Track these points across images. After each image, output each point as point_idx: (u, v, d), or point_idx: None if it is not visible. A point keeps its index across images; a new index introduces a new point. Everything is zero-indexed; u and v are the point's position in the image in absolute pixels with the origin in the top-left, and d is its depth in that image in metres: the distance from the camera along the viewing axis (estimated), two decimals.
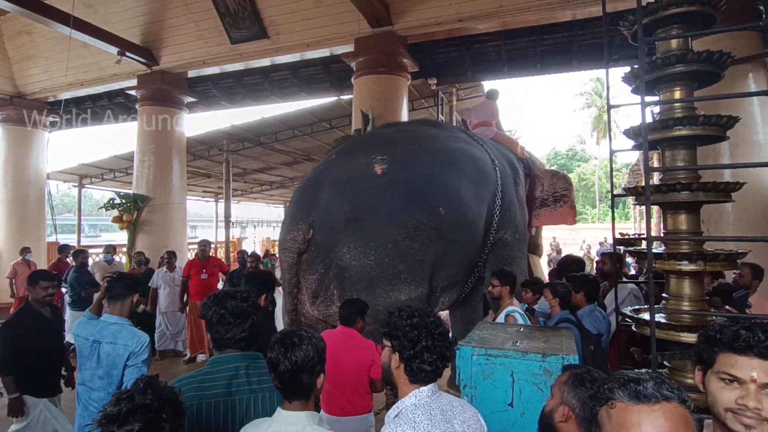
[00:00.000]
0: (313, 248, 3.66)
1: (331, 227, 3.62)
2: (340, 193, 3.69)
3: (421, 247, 3.60)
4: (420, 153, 4.04)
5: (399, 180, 3.71)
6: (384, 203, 3.63)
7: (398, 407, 1.45)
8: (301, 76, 8.80)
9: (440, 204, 3.74)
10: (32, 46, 9.36)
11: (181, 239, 8.59)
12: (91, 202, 40.06)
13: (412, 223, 3.58)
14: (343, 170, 3.87)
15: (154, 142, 8.37)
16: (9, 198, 9.78)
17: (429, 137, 4.38)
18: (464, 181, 4.03)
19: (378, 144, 4.12)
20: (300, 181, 15.40)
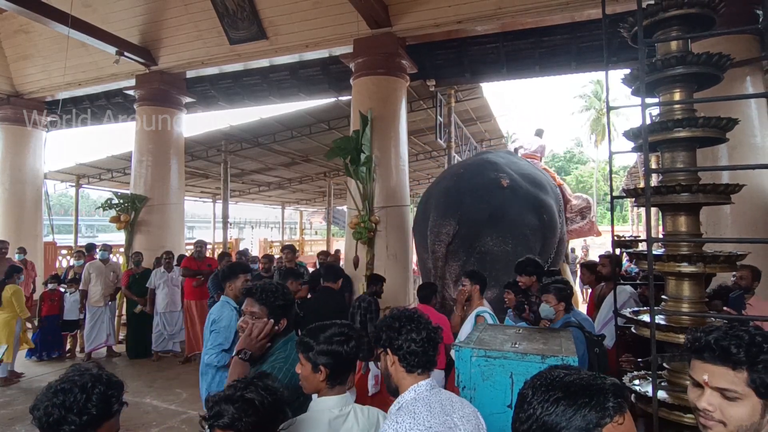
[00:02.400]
0: (457, 240, 5.15)
1: (475, 223, 5.11)
2: (479, 198, 5.21)
3: (535, 241, 5.35)
4: (522, 174, 5.81)
5: (518, 192, 5.43)
6: (513, 207, 5.27)
7: (399, 402, 1.49)
8: (300, 77, 8.79)
9: (545, 213, 5.62)
10: (30, 45, 9.33)
11: (179, 240, 8.56)
12: (89, 203, 39.96)
13: (532, 223, 5.38)
14: (477, 181, 5.41)
15: (152, 143, 8.34)
16: (6, 198, 9.73)
17: (518, 162, 6.41)
18: (551, 198, 6.07)
19: (495, 164, 5.75)
20: (297, 181, 15.44)
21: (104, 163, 11.30)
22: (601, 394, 0.89)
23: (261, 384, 1.26)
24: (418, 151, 12.95)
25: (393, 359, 1.51)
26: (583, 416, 0.87)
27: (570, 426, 0.87)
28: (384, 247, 6.21)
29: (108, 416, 1.22)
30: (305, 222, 22.66)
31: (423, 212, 5.64)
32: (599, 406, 0.88)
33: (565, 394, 0.90)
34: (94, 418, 1.18)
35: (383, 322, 1.56)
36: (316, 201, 20.10)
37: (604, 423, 0.87)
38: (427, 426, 1.36)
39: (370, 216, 6.08)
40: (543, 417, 0.89)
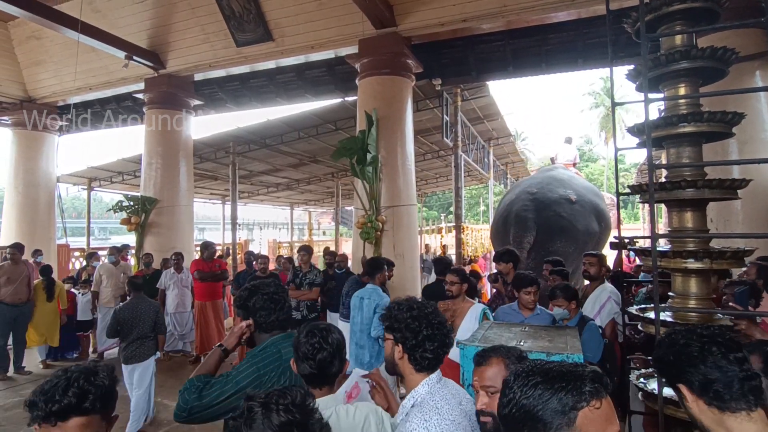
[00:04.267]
0: (535, 243, 6.96)
1: (550, 232, 6.99)
2: (554, 212, 7.07)
3: (593, 243, 7.03)
4: (582, 186, 7.80)
5: (584, 205, 7.30)
6: (580, 219, 7.11)
7: (413, 397, 1.52)
8: (306, 78, 8.83)
9: (602, 220, 7.44)
10: (41, 50, 9.49)
11: (189, 241, 8.65)
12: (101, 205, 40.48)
13: (594, 230, 7.22)
14: (551, 196, 7.29)
15: (161, 145, 8.44)
16: (20, 201, 9.92)
17: (574, 177, 8.35)
18: (603, 204, 7.86)
19: (561, 180, 7.72)
20: (305, 182, 15.51)
21: (115, 166, 11.45)
22: (579, 379, 0.92)
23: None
24: (426, 151, 12.94)
25: (403, 355, 1.54)
26: (559, 399, 0.90)
27: (546, 408, 0.90)
28: (391, 247, 6.22)
29: (77, 411, 1.20)
30: (314, 222, 22.74)
31: (503, 224, 7.48)
32: (576, 390, 0.90)
33: (543, 379, 0.93)
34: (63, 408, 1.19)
35: (401, 315, 1.56)
36: (325, 201, 20.17)
37: (580, 407, 0.89)
38: (451, 419, 1.43)
39: (377, 216, 6.09)
40: (521, 400, 0.93)
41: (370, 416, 1.57)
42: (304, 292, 5.50)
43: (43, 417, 1.19)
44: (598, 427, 0.90)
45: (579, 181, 8.33)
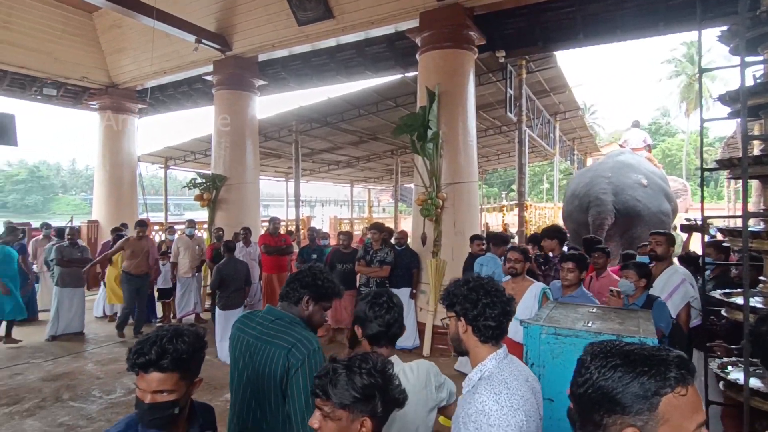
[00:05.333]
0: (613, 228, 7.40)
1: (629, 215, 7.44)
2: (630, 196, 7.50)
3: (668, 223, 7.61)
4: (649, 173, 8.16)
5: (654, 188, 7.77)
6: (653, 201, 7.60)
7: (480, 370, 1.52)
8: (366, 55, 8.80)
9: (671, 201, 8.00)
10: (122, 38, 10.14)
11: (255, 216, 9.06)
12: (175, 183, 43.26)
13: (667, 209, 7.72)
14: (626, 181, 7.67)
15: (229, 125, 8.82)
16: (107, 179, 10.85)
17: (642, 161, 8.75)
18: (670, 189, 8.33)
19: (631, 165, 8.12)
20: (365, 159, 15.63)
21: (188, 145, 12.15)
22: (663, 364, 0.88)
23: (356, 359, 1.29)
24: (487, 126, 12.56)
25: (466, 328, 1.55)
26: (641, 383, 0.87)
27: (626, 392, 0.87)
28: (451, 224, 6.16)
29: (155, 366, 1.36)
30: (373, 200, 22.98)
31: (579, 206, 7.87)
32: (660, 375, 0.87)
33: (623, 362, 0.90)
34: (144, 362, 1.36)
35: (458, 291, 1.58)
36: (384, 179, 20.27)
37: (664, 392, 0.86)
38: (520, 394, 1.43)
39: (437, 193, 6.04)
40: (599, 381, 0.90)
41: (430, 371, 1.75)
42: (374, 269, 5.67)
43: (129, 367, 1.37)
44: (683, 414, 0.86)
45: (647, 165, 8.72)
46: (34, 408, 4.37)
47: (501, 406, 1.38)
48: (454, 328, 1.60)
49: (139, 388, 1.36)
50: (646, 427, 0.86)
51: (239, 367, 1.88)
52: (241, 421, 1.83)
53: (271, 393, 1.74)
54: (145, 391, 1.35)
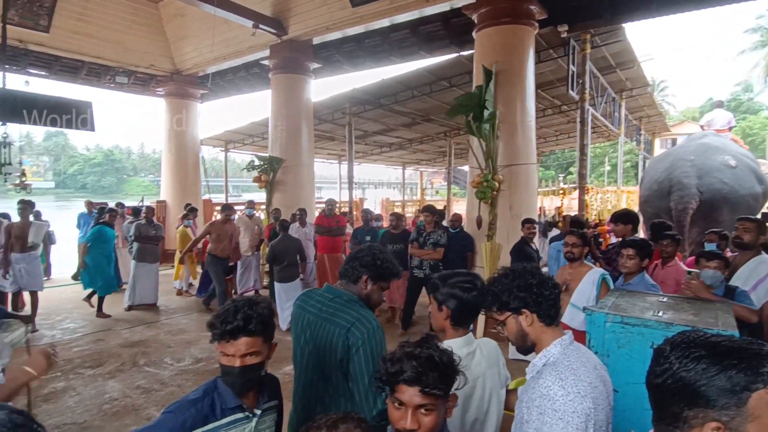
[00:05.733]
0: (698, 211, 7.02)
1: (714, 198, 7.03)
2: (716, 178, 7.07)
3: (756, 206, 7.34)
4: (738, 152, 7.78)
5: (743, 169, 7.29)
6: (743, 183, 7.16)
7: (545, 356, 1.48)
8: (420, 34, 8.65)
9: (762, 182, 7.53)
10: (185, 27, 10.56)
11: (310, 198, 9.28)
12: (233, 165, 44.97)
13: (757, 192, 7.36)
14: (710, 164, 7.22)
15: (285, 108, 9.01)
16: (173, 162, 11.50)
17: (727, 142, 8.17)
18: (761, 170, 7.84)
19: (717, 147, 7.59)
20: (417, 141, 15.50)
21: (247, 129, 12.57)
22: (755, 357, 0.82)
23: (433, 344, 1.32)
24: (545, 106, 12.03)
25: (532, 318, 1.50)
26: (729, 377, 0.82)
27: (711, 384, 0.82)
28: (507, 207, 6.01)
29: (244, 331, 1.45)
30: (426, 182, 22.84)
31: (659, 191, 7.56)
32: (751, 369, 0.81)
33: (709, 353, 0.85)
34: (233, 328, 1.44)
35: (506, 287, 1.52)
36: (437, 161, 20.04)
37: (756, 388, 0.80)
38: (588, 381, 1.38)
39: (494, 175, 5.89)
40: (680, 372, 0.86)
41: (497, 349, 1.85)
42: (427, 251, 5.68)
43: (219, 335, 1.45)
44: None
45: (734, 146, 8.15)
46: (115, 371, 4.79)
47: (567, 392, 1.34)
48: (515, 326, 1.53)
49: (227, 354, 1.45)
50: (732, 422, 0.82)
51: (301, 343, 1.94)
52: (305, 394, 1.91)
53: (332, 370, 1.79)
54: (234, 356, 1.44)
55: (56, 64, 10.34)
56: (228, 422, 1.48)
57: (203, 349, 5.43)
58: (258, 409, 1.57)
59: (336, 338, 1.77)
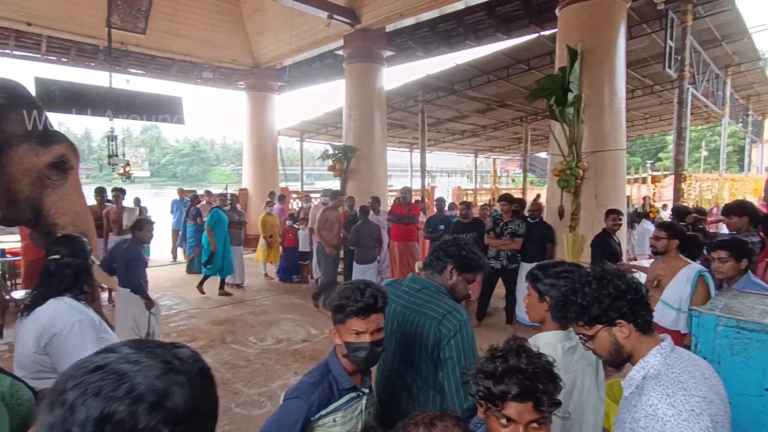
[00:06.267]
0: None
1: None
2: None
3: None
4: None
5: None
6: None
7: (643, 368, 1.31)
8: (497, 15, 8.31)
9: None
10: (263, 21, 10.97)
11: (383, 186, 9.34)
12: (306, 155, 46.43)
13: None
14: None
15: (359, 97, 9.10)
16: (253, 152, 12.10)
17: None
18: None
19: None
20: (491, 128, 15.02)
21: (321, 119, 12.90)
22: None
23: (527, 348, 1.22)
24: (635, 86, 11.09)
25: (629, 328, 1.32)
26: None
27: None
28: (592, 196, 5.63)
29: (374, 309, 1.53)
30: (499, 169, 22.14)
31: None
32: None
33: None
34: (367, 305, 1.51)
35: (594, 294, 1.33)
36: (511, 148, 19.32)
37: None
38: (701, 396, 1.21)
39: (578, 162, 5.54)
40: None
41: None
42: (505, 241, 5.49)
43: (355, 312, 1.51)
44: None
45: None
46: (206, 346, 5.16)
47: (679, 411, 1.17)
48: (609, 340, 1.35)
49: (358, 332, 1.52)
50: None
51: (387, 333, 1.94)
52: (390, 383, 1.91)
53: (422, 361, 1.78)
54: (366, 332, 1.52)
55: (151, 63, 11.23)
56: (345, 401, 1.57)
57: (283, 330, 5.70)
58: (365, 388, 1.64)
59: (427, 330, 1.76)
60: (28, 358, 1.87)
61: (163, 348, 0.57)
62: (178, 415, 0.52)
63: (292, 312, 6.52)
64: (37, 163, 2.94)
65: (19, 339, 1.90)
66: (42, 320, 1.85)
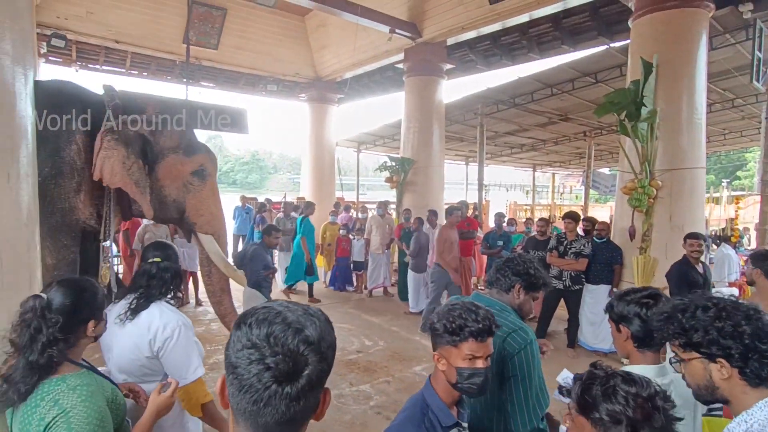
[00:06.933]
0: None
1: None
2: None
3: None
4: None
5: None
6: None
7: (745, 421, 1.14)
8: (563, 28, 8.08)
9: None
10: (326, 36, 11.31)
11: (439, 199, 9.27)
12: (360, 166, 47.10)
13: None
14: None
15: (417, 110, 9.13)
16: (312, 162, 12.43)
17: None
18: None
19: None
20: (552, 142, 14.54)
21: (379, 131, 13.05)
22: None
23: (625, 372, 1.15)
24: (714, 100, 10.37)
25: (731, 372, 1.16)
26: None
27: None
28: (666, 217, 5.28)
29: (490, 332, 1.44)
30: (558, 185, 21.35)
31: None
32: None
33: None
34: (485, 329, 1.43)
35: (701, 321, 1.19)
36: (572, 163, 18.60)
37: None
38: None
39: (651, 180, 5.22)
40: None
41: None
42: (569, 261, 5.28)
43: (475, 333, 1.41)
44: None
45: None
46: None
47: None
48: (702, 373, 1.20)
49: (474, 356, 1.41)
50: None
51: None
52: None
53: None
54: (481, 357, 1.42)
55: (221, 76, 11.87)
56: None
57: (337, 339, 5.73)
58: (464, 422, 1.51)
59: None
60: (135, 363, 1.86)
61: (302, 305, 0.85)
62: (312, 340, 0.78)
63: (346, 321, 6.57)
64: (182, 171, 3.43)
65: (121, 343, 1.87)
66: (153, 325, 1.85)
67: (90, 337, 1.48)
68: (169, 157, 3.38)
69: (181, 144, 3.44)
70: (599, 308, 5.37)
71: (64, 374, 1.36)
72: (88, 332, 1.45)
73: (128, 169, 3.14)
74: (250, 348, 0.75)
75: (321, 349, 0.79)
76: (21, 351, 1.33)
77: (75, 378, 1.36)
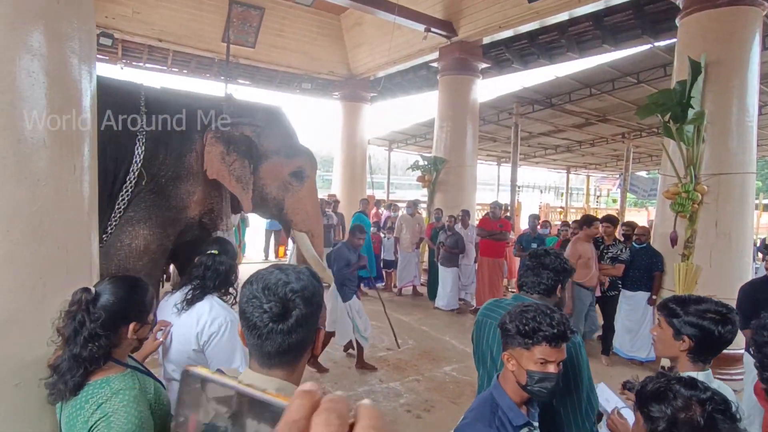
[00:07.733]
0: None
1: None
2: None
3: None
4: None
5: None
6: None
7: None
8: (605, 26, 7.86)
9: None
10: (361, 35, 11.36)
11: (471, 200, 9.19)
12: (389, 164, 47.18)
13: None
14: None
15: (451, 109, 9.07)
16: (344, 159, 12.52)
17: None
18: None
19: None
20: (588, 144, 14.18)
21: (411, 130, 13.05)
22: None
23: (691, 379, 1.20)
24: (765, 103, 9.90)
25: None
26: None
27: None
28: (712, 224, 5.07)
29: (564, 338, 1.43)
30: (596, 188, 20.80)
31: None
32: None
33: None
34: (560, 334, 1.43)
35: None
36: (608, 165, 18.10)
37: None
38: None
39: (696, 185, 5.03)
40: None
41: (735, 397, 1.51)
42: (605, 266, 5.17)
43: (550, 338, 1.40)
44: None
45: None
46: None
47: None
48: None
49: (546, 361, 1.41)
50: None
51: (482, 347, 1.96)
52: None
53: None
54: (553, 362, 1.42)
55: (258, 74, 12.09)
56: None
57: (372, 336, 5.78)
58: (535, 421, 1.51)
59: None
60: (183, 354, 1.89)
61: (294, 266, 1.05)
62: (296, 289, 0.98)
63: (376, 319, 6.57)
64: (282, 172, 3.72)
65: (174, 332, 1.92)
66: (202, 318, 1.88)
67: (133, 339, 1.44)
68: (271, 158, 3.66)
69: (283, 147, 3.72)
70: (637, 315, 5.23)
71: (108, 375, 1.35)
72: (129, 334, 1.41)
73: (228, 165, 3.42)
74: (252, 298, 0.98)
75: (305, 295, 0.99)
76: (66, 342, 1.34)
77: (118, 381, 1.36)
